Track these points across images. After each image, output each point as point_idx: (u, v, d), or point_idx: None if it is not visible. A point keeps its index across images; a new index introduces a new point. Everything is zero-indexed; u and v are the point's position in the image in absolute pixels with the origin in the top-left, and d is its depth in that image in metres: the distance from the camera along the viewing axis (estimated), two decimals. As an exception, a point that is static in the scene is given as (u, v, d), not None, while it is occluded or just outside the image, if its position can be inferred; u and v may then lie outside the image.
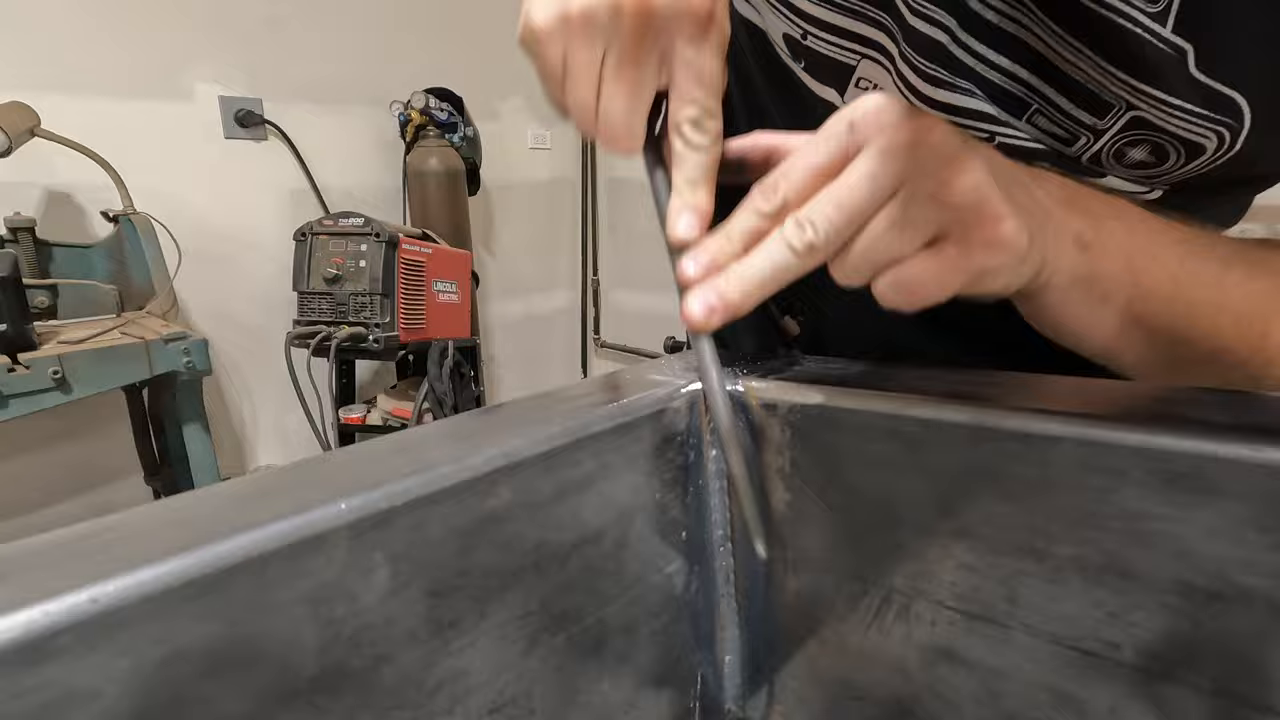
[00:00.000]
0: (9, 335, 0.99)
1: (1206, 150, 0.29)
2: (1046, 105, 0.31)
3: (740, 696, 0.36)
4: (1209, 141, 0.28)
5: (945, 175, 0.23)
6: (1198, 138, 0.28)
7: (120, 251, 1.38)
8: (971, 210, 0.23)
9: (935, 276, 0.24)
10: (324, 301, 1.47)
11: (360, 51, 1.86)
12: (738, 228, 0.26)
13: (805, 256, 0.24)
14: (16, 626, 0.15)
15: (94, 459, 1.55)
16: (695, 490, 0.33)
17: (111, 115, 1.49)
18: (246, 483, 0.22)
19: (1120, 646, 0.23)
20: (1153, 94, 0.28)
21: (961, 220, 0.24)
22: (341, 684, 0.21)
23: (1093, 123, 0.30)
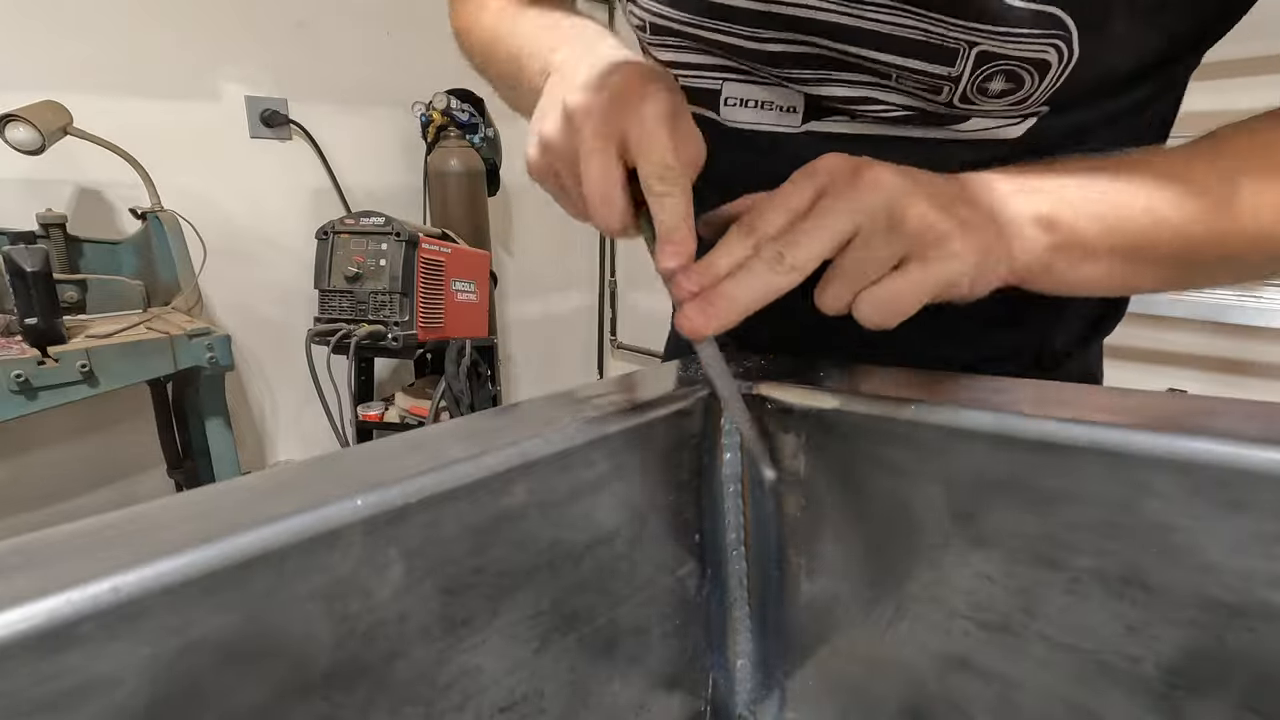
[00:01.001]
0: (39, 329, 1.01)
1: (1052, 64, 0.32)
2: (902, 71, 0.35)
3: (752, 701, 0.35)
4: (1050, 56, 0.32)
5: (896, 211, 0.28)
6: (1039, 55, 0.32)
7: (148, 248, 1.40)
8: (921, 234, 0.28)
9: (905, 291, 0.28)
10: (344, 299, 1.49)
11: (383, 53, 1.87)
12: (721, 256, 0.30)
13: (785, 275, 0.28)
14: (41, 614, 0.16)
15: (118, 451, 1.58)
16: (709, 493, 0.33)
17: (141, 114, 1.52)
18: (265, 477, 0.23)
19: (1140, 660, 0.23)
20: (984, 29, 0.32)
21: (918, 245, 0.28)
22: (355, 678, 0.21)
23: (946, 71, 0.34)
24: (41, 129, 1.18)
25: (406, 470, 0.23)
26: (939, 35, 0.32)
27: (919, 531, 0.28)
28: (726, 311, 0.28)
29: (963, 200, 0.30)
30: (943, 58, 0.33)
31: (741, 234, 0.30)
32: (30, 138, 1.18)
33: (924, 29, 0.33)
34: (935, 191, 0.29)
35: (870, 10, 0.33)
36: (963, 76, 0.33)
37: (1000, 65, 0.33)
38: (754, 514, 0.34)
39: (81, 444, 1.53)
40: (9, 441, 1.43)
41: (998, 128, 0.36)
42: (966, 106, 0.35)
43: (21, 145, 1.19)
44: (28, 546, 0.18)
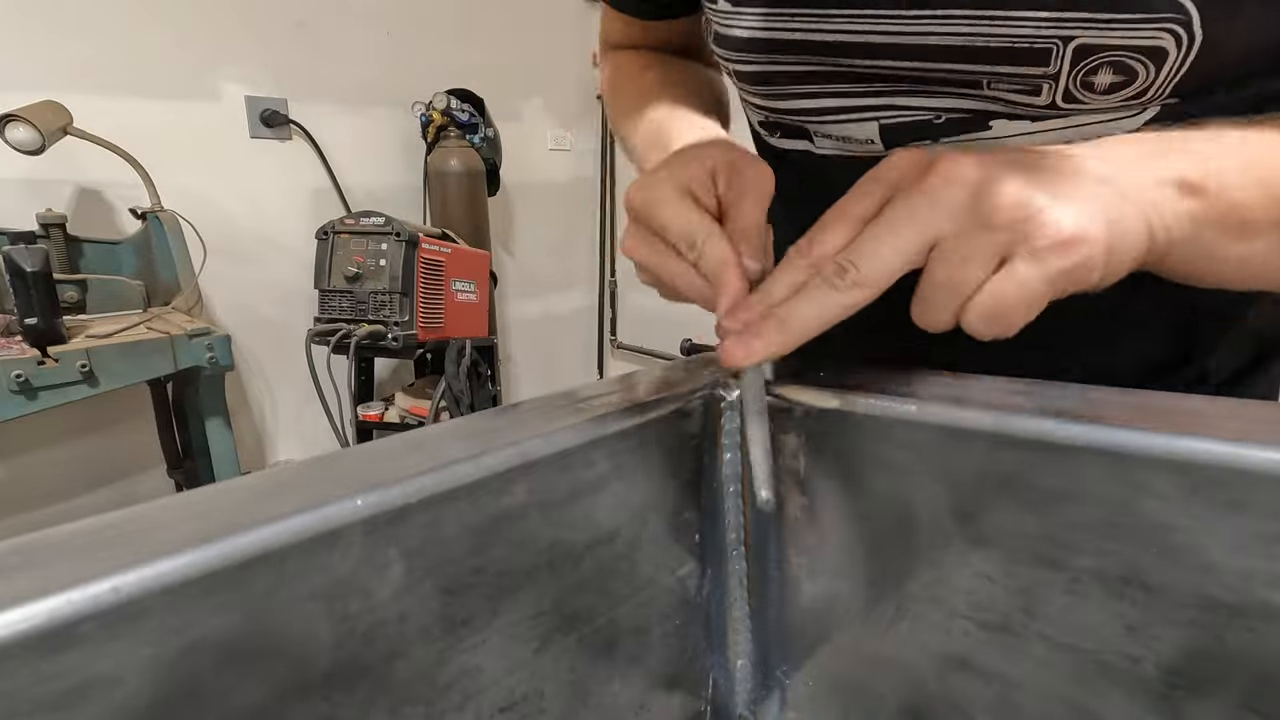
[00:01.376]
0: (39, 329, 1.02)
1: (1170, 52, 0.28)
2: (994, 75, 0.32)
3: (752, 701, 0.35)
4: (1166, 42, 0.28)
5: (982, 202, 0.24)
6: (1152, 42, 0.28)
7: (148, 248, 1.40)
8: (1023, 224, 0.23)
9: (1014, 296, 0.24)
10: (344, 299, 1.49)
11: (383, 53, 1.88)
12: (775, 281, 0.27)
13: (849, 292, 0.25)
14: (41, 614, 0.16)
15: (118, 451, 1.58)
16: (710, 493, 0.33)
17: (141, 114, 1.52)
18: (265, 477, 0.23)
19: (1140, 660, 0.23)
20: (1078, 18, 0.28)
21: (1019, 237, 0.23)
22: (355, 678, 0.21)
23: (1042, 71, 0.30)
24: (41, 129, 1.18)
25: (406, 470, 0.23)
26: (1027, 37, 0.30)
27: (919, 531, 0.28)
28: (777, 337, 0.25)
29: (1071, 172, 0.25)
30: (1034, 59, 0.30)
31: (798, 254, 0.27)
32: (30, 138, 1.18)
33: (1008, 33, 0.30)
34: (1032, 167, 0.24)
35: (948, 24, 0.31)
36: (1061, 73, 0.30)
37: (1105, 57, 0.29)
38: (754, 514, 0.34)
39: (81, 444, 1.54)
40: (9, 441, 1.43)
41: (1109, 122, 0.32)
42: (1072, 106, 0.31)
43: (21, 145, 1.19)
44: (28, 546, 0.18)
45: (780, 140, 0.43)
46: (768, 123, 0.43)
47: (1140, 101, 0.31)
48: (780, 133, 0.43)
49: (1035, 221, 0.23)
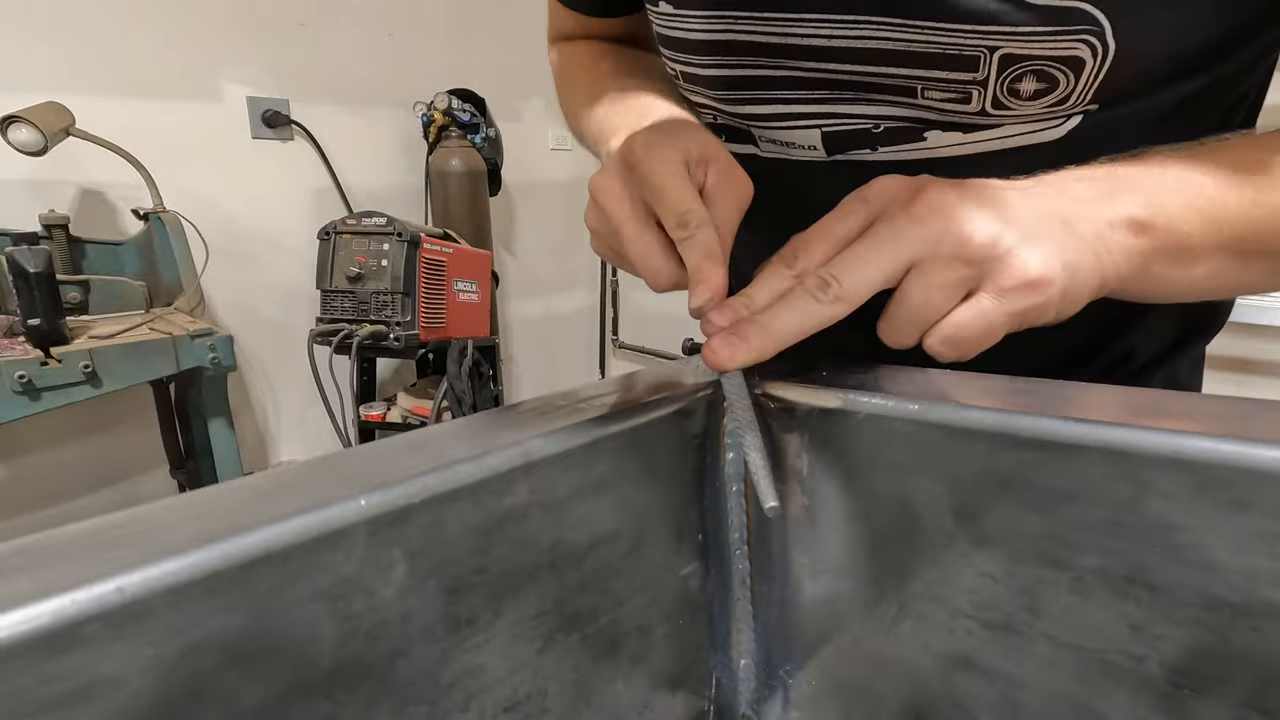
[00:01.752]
0: (42, 329, 1.02)
1: (1086, 61, 0.30)
2: (927, 82, 0.33)
3: (755, 700, 0.35)
4: (1082, 51, 0.30)
5: (961, 235, 0.25)
6: (1069, 52, 0.30)
7: (150, 249, 1.40)
8: (993, 262, 0.25)
9: (978, 327, 0.26)
10: (346, 300, 1.49)
11: (385, 53, 1.88)
12: (759, 287, 0.28)
13: (829, 305, 0.26)
14: (45, 614, 0.16)
15: (121, 452, 1.59)
16: (712, 492, 0.33)
17: (143, 115, 1.52)
18: (268, 477, 0.23)
19: (1145, 659, 0.23)
20: (1000, 31, 0.30)
21: (988, 272, 0.26)
22: (358, 678, 0.21)
23: (971, 77, 0.32)
24: (44, 130, 1.18)
25: (409, 470, 0.23)
26: (957, 45, 0.31)
27: (922, 530, 0.28)
28: (760, 341, 0.26)
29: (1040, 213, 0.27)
30: (965, 65, 0.32)
31: (783, 263, 0.28)
32: (33, 139, 1.19)
33: (939, 40, 0.32)
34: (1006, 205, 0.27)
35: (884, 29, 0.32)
36: (989, 80, 0.32)
37: (1028, 66, 0.31)
38: (756, 513, 0.34)
39: (84, 444, 1.54)
40: (12, 442, 1.43)
41: (1035, 131, 0.34)
42: (1001, 113, 0.33)
43: (24, 146, 1.19)
44: (32, 547, 0.18)
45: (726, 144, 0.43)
46: (714, 125, 0.44)
47: (1064, 108, 0.32)
48: (725, 136, 0.43)
49: (1005, 261, 0.25)
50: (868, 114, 0.37)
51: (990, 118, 0.34)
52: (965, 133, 0.35)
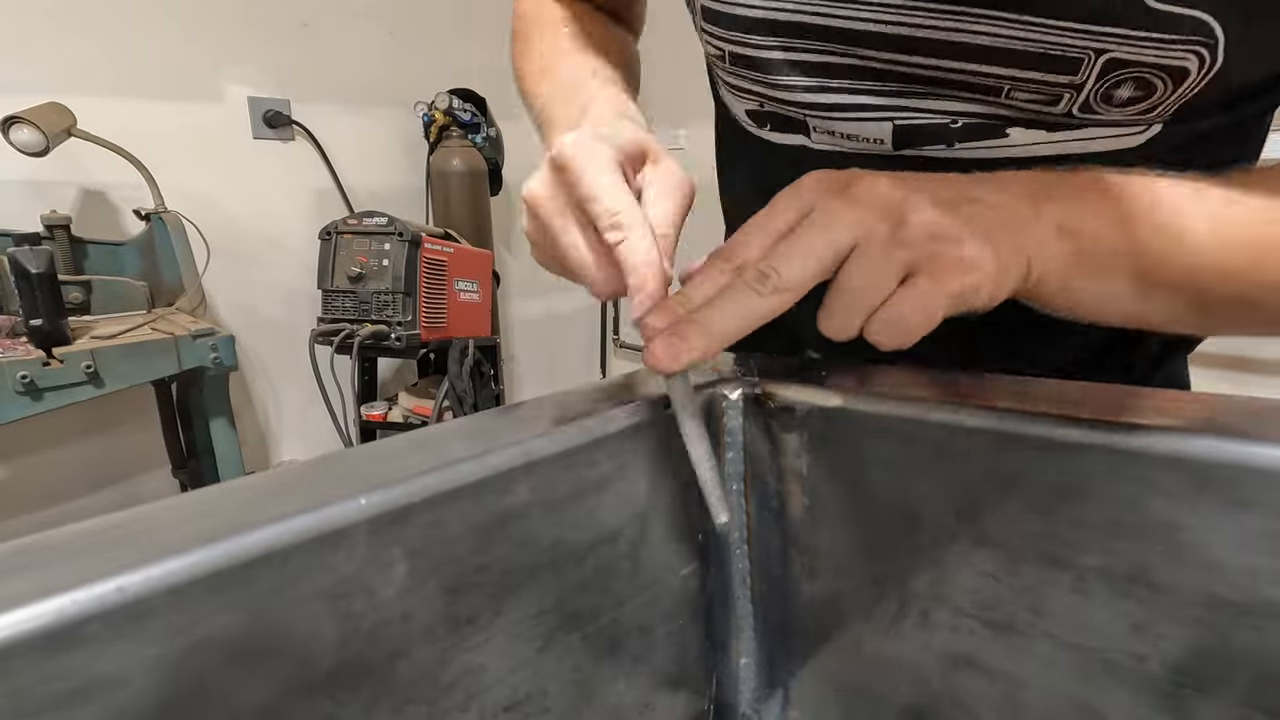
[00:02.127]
0: (44, 330, 1.02)
1: (1191, 72, 0.29)
2: (1016, 83, 0.32)
3: (755, 700, 0.35)
4: (1190, 63, 0.29)
5: (896, 219, 0.26)
6: (1178, 62, 0.29)
7: (151, 249, 1.40)
8: (929, 243, 0.25)
9: (917, 309, 0.25)
10: (347, 299, 1.49)
11: (386, 53, 1.88)
12: (696, 285, 0.27)
13: (769, 297, 0.25)
14: (47, 614, 0.16)
15: (123, 452, 1.59)
16: (713, 492, 0.33)
17: (144, 116, 1.52)
18: (269, 477, 0.23)
19: (1146, 658, 0.23)
20: (1116, 33, 0.28)
21: (924, 254, 0.25)
22: (359, 677, 0.21)
23: (1068, 80, 0.30)
24: (45, 131, 1.19)
25: (410, 470, 0.23)
26: (1061, 45, 0.30)
27: (923, 530, 0.28)
28: (701, 341, 0.25)
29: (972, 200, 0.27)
30: (1064, 67, 0.30)
31: (720, 259, 0.28)
32: (34, 139, 1.19)
33: (1043, 40, 0.30)
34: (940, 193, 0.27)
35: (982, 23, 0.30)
36: (1086, 84, 0.30)
37: (1130, 74, 0.29)
38: (757, 513, 0.34)
39: (86, 444, 1.54)
40: (14, 442, 1.43)
41: (1116, 137, 0.33)
42: (1085, 116, 0.32)
43: (26, 147, 1.19)
44: (33, 547, 0.18)
45: (770, 133, 0.42)
46: (760, 113, 0.41)
47: (1148, 118, 0.31)
48: (772, 125, 0.41)
49: (940, 242, 0.25)
50: (942, 109, 0.35)
51: (1074, 120, 0.32)
52: (1049, 131, 0.33)
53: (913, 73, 0.34)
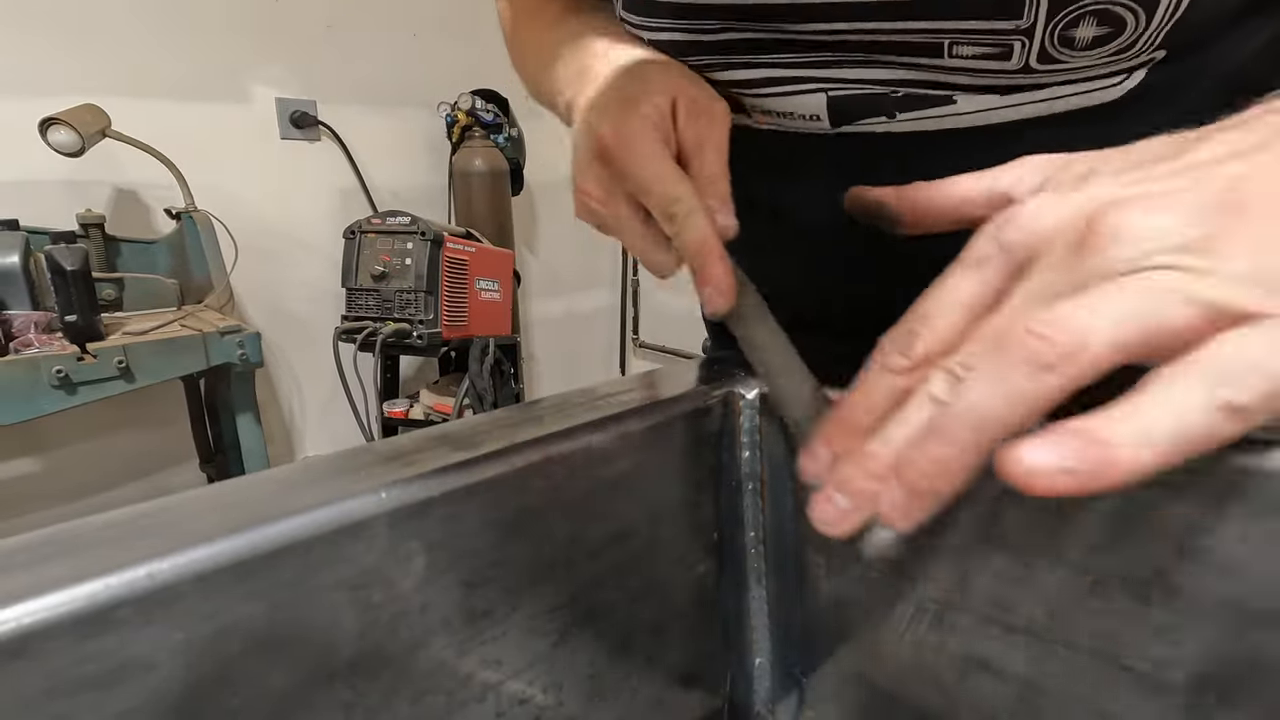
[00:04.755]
0: (79, 326, 1.05)
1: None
2: (956, 36, 0.28)
3: (770, 699, 0.35)
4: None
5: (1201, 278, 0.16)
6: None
7: (182, 247, 1.44)
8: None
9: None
10: (371, 298, 1.51)
11: (409, 55, 1.90)
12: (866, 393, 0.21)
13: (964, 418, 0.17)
14: (80, 597, 0.16)
15: (153, 445, 1.63)
16: (728, 492, 0.33)
17: (176, 117, 1.56)
18: (293, 470, 0.23)
19: (1166, 665, 0.23)
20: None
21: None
22: (378, 667, 0.22)
23: (1014, 25, 0.26)
24: (81, 131, 1.22)
25: (429, 465, 0.23)
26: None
27: (938, 531, 0.28)
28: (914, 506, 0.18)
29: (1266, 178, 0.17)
30: (1006, 10, 0.26)
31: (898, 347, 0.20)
32: (70, 140, 1.22)
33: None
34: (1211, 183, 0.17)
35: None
36: (1036, 27, 0.26)
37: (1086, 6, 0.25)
38: (772, 513, 0.34)
39: (117, 438, 1.58)
40: (49, 435, 1.47)
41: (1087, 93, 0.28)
42: (1049, 67, 0.27)
43: (62, 147, 1.22)
44: (67, 534, 0.19)
45: None
46: None
47: (1125, 58, 0.27)
48: None
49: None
50: (882, 78, 0.32)
51: (1034, 74, 0.28)
52: (1002, 94, 0.30)
53: (842, 40, 0.30)
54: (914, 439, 0.18)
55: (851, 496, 0.19)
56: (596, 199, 0.30)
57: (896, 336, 0.20)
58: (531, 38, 0.44)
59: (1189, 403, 0.15)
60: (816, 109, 0.34)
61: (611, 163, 0.29)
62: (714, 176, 0.29)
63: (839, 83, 0.33)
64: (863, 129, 0.34)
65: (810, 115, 0.34)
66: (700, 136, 0.30)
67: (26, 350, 1.04)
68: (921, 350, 0.20)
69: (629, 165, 0.28)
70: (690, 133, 0.30)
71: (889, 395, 0.20)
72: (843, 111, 0.34)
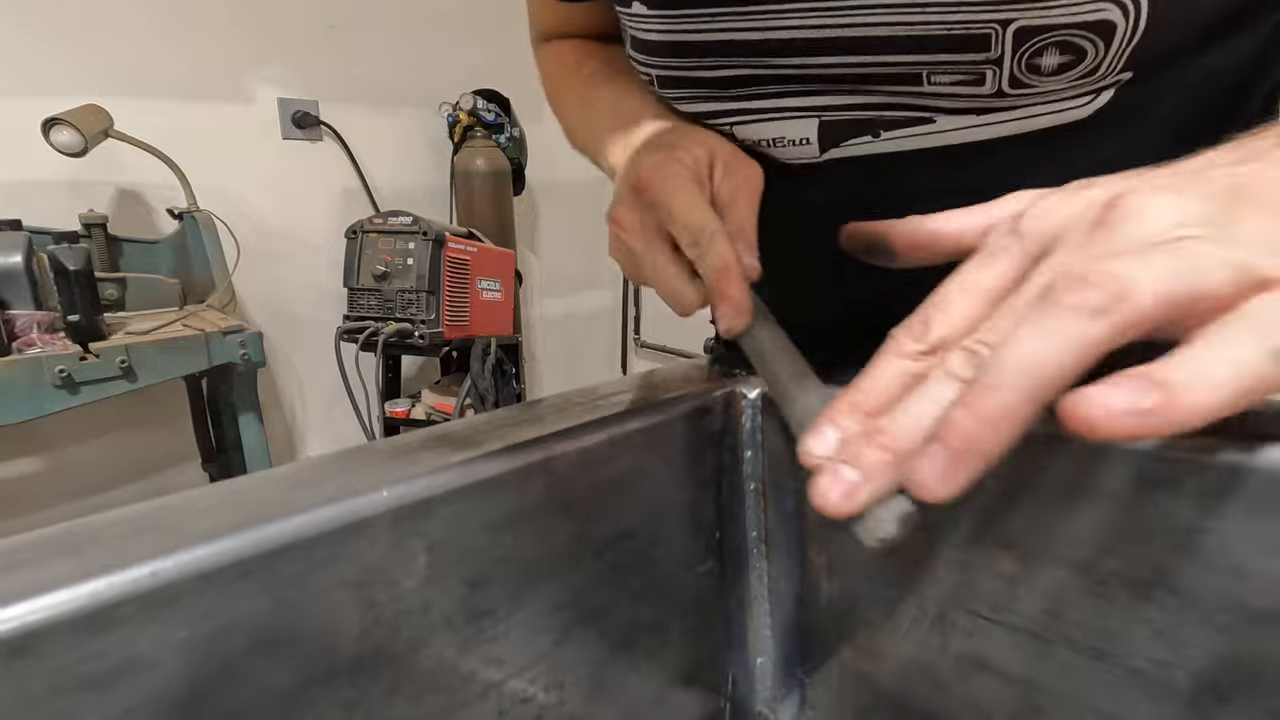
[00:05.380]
0: (81, 325, 1.05)
1: (1118, 24, 0.26)
2: (933, 67, 0.31)
3: (772, 699, 0.35)
4: (1112, 13, 0.26)
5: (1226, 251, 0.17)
6: (1097, 15, 0.26)
7: (184, 247, 1.44)
8: None
9: None
10: (372, 298, 1.51)
11: (412, 55, 1.90)
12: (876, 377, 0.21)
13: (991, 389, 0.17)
14: (83, 596, 0.16)
15: (155, 445, 1.63)
16: (730, 491, 0.33)
17: (178, 117, 1.56)
18: (295, 469, 0.23)
19: (1169, 665, 0.23)
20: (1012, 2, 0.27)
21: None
22: (380, 665, 0.22)
23: (984, 57, 0.29)
24: (84, 132, 1.22)
25: (431, 464, 0.23)
26: (964, 23, 0.28)
27: (940, 531, 0.28)
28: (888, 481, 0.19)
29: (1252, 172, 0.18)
30: (974, 45, 0.29)
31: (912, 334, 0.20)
32: (73, 140, 1.22)
33: (944, 20, 0.29)
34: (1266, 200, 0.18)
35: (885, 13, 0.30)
36: (1004, 58, 0.29)
37: (1050, 38, 0.27)
38: (774, 513, 0.34)
39: (120, 438, 1.58)
40: (51, 434, 1.47)
41: (1059, 112, 0.31)
42: (1020, 92, 0.30)
43: (65, 148, 1.23)
44: (70, 532, 0.19)
45: None
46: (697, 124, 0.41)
47: (1092, 81, 0.29)
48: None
49: None
50: (868, 103, 0.34)
51: (1008, 98, 0.31)
52: (979, 115, 0.32)
53: (828, 73, 0.33)
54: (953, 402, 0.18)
55: (862, 470, 0.19)
56: (629, 229, 0.32)
57: (910, 324, 0.21)
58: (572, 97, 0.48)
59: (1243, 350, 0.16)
60: (807, 132, 0.37)
61: (646, 193, 0.31)
62: (744, 226, 0.31)
63: (829, 109, 0.35)
64: (851, 152, 0.36)
65: (800, 139, 0.37)
66: (735, 191, 0.32)
67: (29, 350, 1.04)
68: (937, 334, 0.20)
69: (661, 195, 0.30)
70: (726, 186, 0.32)
71: (901, 378, 0.20)
72: (831, 135, 0.36)
